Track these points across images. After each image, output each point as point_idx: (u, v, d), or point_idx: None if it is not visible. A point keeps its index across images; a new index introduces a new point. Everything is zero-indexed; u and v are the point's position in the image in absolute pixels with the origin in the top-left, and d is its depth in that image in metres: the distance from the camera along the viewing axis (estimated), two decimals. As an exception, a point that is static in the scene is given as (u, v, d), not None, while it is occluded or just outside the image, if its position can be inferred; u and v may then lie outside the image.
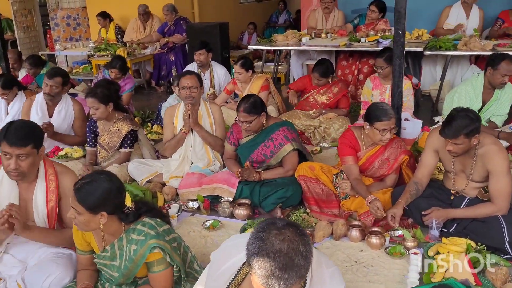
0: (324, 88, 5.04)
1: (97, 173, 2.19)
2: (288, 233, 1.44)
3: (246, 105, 3.42)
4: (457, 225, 2.93)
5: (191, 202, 3.51)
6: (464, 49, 5.06)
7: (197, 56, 5.50)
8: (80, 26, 9.13)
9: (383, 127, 3.14)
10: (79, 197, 2.03)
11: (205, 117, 3.82)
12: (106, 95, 3.80)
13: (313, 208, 3.31)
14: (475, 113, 2.87)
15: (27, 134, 2.40)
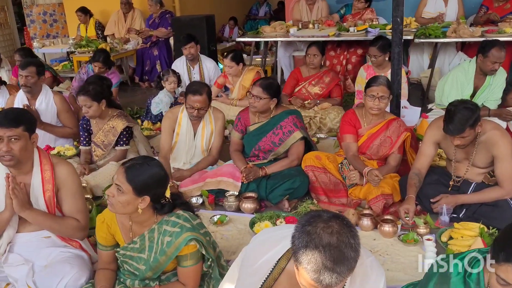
0: (315, 78, 5.00)
1: (147, 158, 2.13)
2: (335, 225, 1.40)
3: (265, 82, 3.45)
4: (466, 210, 2.94)
5: (194, 198, 3.43)
6: (454, 36, 5.10)
7: (187, 50, 5.41)
8: (57, 23, 8.88)
9: (371, 92, 3.25)
10: (129, 175, 1.97)
11: (207, 124, 3.69)
12: (98, 92, 3.68)
13: (321, 199, 3.29)
14: (472, 102, 2.90)
15: (18, 116, 2.35)
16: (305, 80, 5.02)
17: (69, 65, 7.46)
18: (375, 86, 3.24)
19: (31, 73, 4.04)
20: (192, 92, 3.51)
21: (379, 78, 3.29)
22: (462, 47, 5.85)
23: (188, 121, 3.69)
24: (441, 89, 4.45)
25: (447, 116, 2.81)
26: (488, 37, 4.87)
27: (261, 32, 6.23)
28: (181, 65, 5.67)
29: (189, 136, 3.72)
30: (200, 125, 3.70)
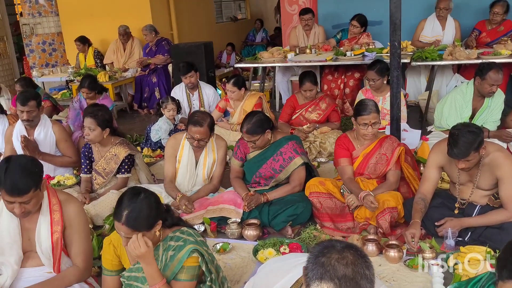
0: (312, 105, 5.01)
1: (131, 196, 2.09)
2: (350, 256, 1.38)
3: (249, 126, 3.37)
4: (471, 233, 2.92)
5: (196, 226, 3.39)
6: (450, 58, 5.15)
7: (188, 79, 5.44)
8: (56, 52, 8.95)
9: (363, 121, 3.24)
10: (134, 227, 2.00)
11: (209, 152, 3.67)
12: (105, 120, 3.68)
13: (326, 225, 3.25)
14: (475, 125, 2.90)
15: (27, 180, 2.22)
16: (302, 107, 5.02)
17: (68, 93, 7.50)
18: (366, 115, 3.24)
19: (32, 107, 4.03)
20: (193, 123, 3.48)
21: (368, 105, 3.27)
22: (458, 69, 5.91)
23: (190, 149, 3.67)
24: (440, 111, 4.47)
25: (451, 140, 2.81)
26: (483, 59, 4.93)
27: (259, 58, 6.29)
28: (180, 92, 5.70)
29: (191, 164, 3.69)
30: (202, 154, 3.68)
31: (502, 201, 2.88)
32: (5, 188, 2.19)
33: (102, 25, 8.24)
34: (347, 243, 1.45)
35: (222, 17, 11.70)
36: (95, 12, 8.30)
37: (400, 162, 3.34)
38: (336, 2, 6.97)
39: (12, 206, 2.23)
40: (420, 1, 6.53)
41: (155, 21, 7.97)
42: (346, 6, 6.70)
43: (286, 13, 7.37)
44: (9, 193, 2.19)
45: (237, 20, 12.06)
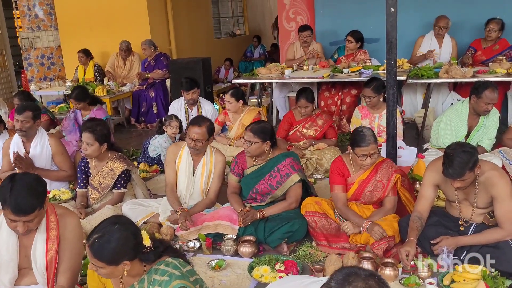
0: (309, 121, 5.03)
1: (108, 222, 2.04)
2: (374, 284, 1.41)
3: (255, 126, 3.44)
4: (467, 252, 2.91)
5: (191, 242, 3.38)
6: (446, 76, 5.19)
7: (190, 95, 5.46)
8: (54, 65, 8.98)
9: (362, 152, 3.18)
10: (95, 253, 1.94)
11: (207, 162, 3.68)
12: (104, 135, 3.69)
13: (321, 243, 3.24)
14: (470, 145, 2.92)
15: (32, 199, 2.22)
16: (299, 123, 5.04)
17: (66, 107, 7.49)
18: (365, 146, 3.17)
19: (27, 117, 4.03)
20: (192, 123, 3.59)
21: (367, 136, 3.19)
22: (454, 87, 5.95)
23: (188, 156, 3.69)
24: (436, 131, 4.50)
25: (446, 160, 2.82)
26: (479, 78, 4.97)
27: (257, 74, 6.32)
28: (178, 106, 5.70)
29: (189, 171, 3.70)
30: (200, 163, 3.69)
31: (497, 219, 2.88)
32: (11, 207, 2.18)
33: (102, 39, 8.30)
34: (370, 272, 1.47)
35: (221, 32, 11.79)
36: (94, 26, 8.36)
37: (397, 188, 3.32)
38: (333, 20, 7.04)
39: (15, 225, 2.23)
40: (417, 19, 6.62)
41: (154, 36, 8.03)
42: (343, 24, 6.76)
43: (284, 29, 7.44)
44: (15, 213, 2.18)
45: (235, 36, 12.16)
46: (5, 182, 2.26)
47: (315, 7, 7.14)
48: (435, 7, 6.41)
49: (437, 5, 6.45)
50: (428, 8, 6.54)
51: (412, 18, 6.66)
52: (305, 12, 7.27)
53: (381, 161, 3.36)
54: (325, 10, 7.10)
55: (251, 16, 13.27)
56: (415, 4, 6.63)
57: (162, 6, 8.58)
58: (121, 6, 8.15)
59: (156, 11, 8.39)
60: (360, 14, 6.81)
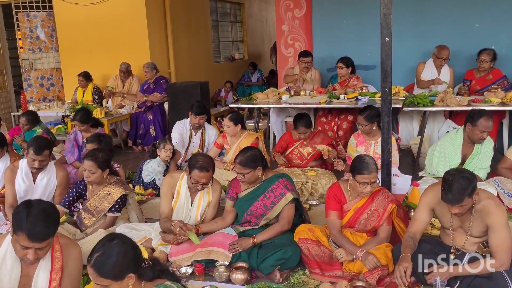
0: (307, 139, 5.09)
1: (106, 240, 2.07)
2: None
3: (243, 158, 3.45)
4: (460, 282, 2.89)
5: (183, 267, 3.35)
6: (441, 105, 5.24)
7: (198, 120, 5.49)
8: (54, 87, 9.05)
9: (363, 180, 3.19)
10: (99, 271, 1.95)
11: (205, 194, 3.67)
12: (105, 161, 3.72)
13: (314, 271, 3.22)
14: (469, 171, 2.93)
15: (49, 226, 2.22)
16: (297, 141, 5.13)
17: (64, 128, 7.52)
18: (367, 174, 3.18)
19: (46, 156, 4.05)
20: (199, 168, 3.46)
21: (369, 164, 3.21)
22: (450, 115, 6.00)
23: (187, 190, 3.66)
24: (430, 159, 4.52)
25: (445, 185, 2.83)
26: (474, 106, 5.02)
27: (254, 99, 6.37)
28: (184, 127, 5.69)
29: (187, 204, 3.68)
30: (198, 195, 3.68)
31: (491, 249, 2.87)
32: (27, 233, 2.16)
33: (101, 61, 8.39)
34: None
35: (220, 56, 11.92)
36: (94, 49, 8.47)
37: (392, 218, 3.32)
38: (331, 46, 7.14)
39: (26, 252, 2.20)
40: (415, 47, 6.73)
41: (154, 59, 8.12)
42: (341, 50, 6.84)
43: (282, 55, 7.53)
44: (30, 239, 2.17)
45: (234, 60, 12.29)
46: (20, 208, 2.24)
47: (313, 34, 7.26)
48: (432, 36, 6.52)
49: (434, 34, 6.56)
50: (425, 37, 6.65)
51: (409, 46, 6.78)
52: (303, 39, 7.38)
53: (377, 190, 3.36)
54: (323, 37, 7.21)
55: (251, 41, 13.44)
56: (413, 33, 6.75)
57: (162, 29, 8.70)
58: (122, 29, 8.27)
59: (156, 35, 8.51)
60: (357, 41, 6.92)
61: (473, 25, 6.53)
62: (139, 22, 8.20)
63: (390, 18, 3.60)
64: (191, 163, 3.53)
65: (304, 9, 7.29)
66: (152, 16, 8.38)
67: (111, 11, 8.23)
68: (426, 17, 6.71)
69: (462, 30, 6.54)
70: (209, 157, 3.65)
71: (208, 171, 3.49)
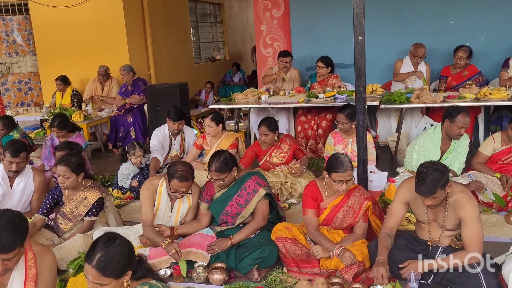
0: (274, 149, 5.04)
1: (108, 239, 2.11)
2: None
3: (217, 164, 3.44)
4: (434, 275, 2.94)
5: (162, 270, 3.35)
6: (417, 102, 5.31)
7: (176, 125, 5.43)
8: (32, 91, 8.95)
9: (339, 178, 3.22)
10: (104, 272, 1.99)
11: (185, 199, 3.66)
12: (79, 165, 3.68)
13: (292, 269, 3.24)
14: (442, 164, 2.98)
15: (15, 237, 2.17)
16: (265, 153, 5.05)
17: (42, 132, 7.45)
18: (342, 173, 3.21)
19: (23, 158, 4.02)
20: (179, 178, 3.44)
21: (344, 163, 3.24)
22: (427, 111, 6.09)
23: (167, 196, 3.64)
24: (410, 156, 4.57)
25: (419, 177, 2.89)
26: (449, 103, 5.10)
27: (234, 99, 6.38)
28: (164, 134, 5.62)
29: (167, 210, 3.67)
30: (177, 200, 3.67)
31: (463, 242, 2.93)
32: None
33: (80, 65, 8.33)
34: None
35: (201, 57, 11.91)
36: (73, 52, 8.40)
37: (368, 215, 3.37)
38: (309, 46, 7.18)
39: None
40: (392, 45, 6.80)
41: (133, 62, 8.09)
42: (319, 50, 6.89)
43: (261, 55, 7.56)
44: None
45: (215, 60, 12.29)
46: None
47: (291, 34, 7.30)
48: (409, 34, 6.61)
49: (411, 31, 6.65)
50: (402, 35, 6.73)
51: (387, 44, 6.86)
52: (282, 38, 7.42)
53: (353, 187, 3.41)
54: (301, 36, 7.26)
55: (231, 41, 13.45)
56: (390, 31, 6.84)
57: (141, 31, 8.67)
58: (100, 32, 8.21)
59: (135, 37, 8.47)
60: (335, 40, 6.97)
61: (448, 22, 6.64)
62: (117, 24, 8.15)
63: (362, 17, 3.64)
64: (171, 172, 3.49)
65: (282, 9, 7.32)
66: (131, 18, 8.34)
67: (89, 14, 8.18)
68: (403, 15, 6.79)
69: (437, 28, 6.64)
70: (188, 166, 3.59)
71: (188, 181, 3.48)
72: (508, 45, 6.21)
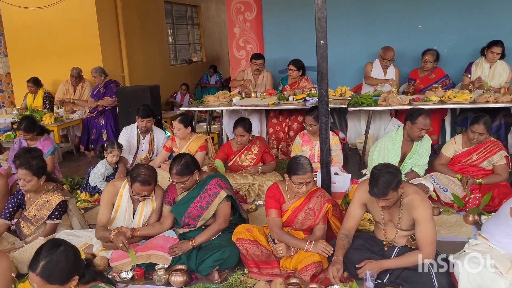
0: (244, 151, 5.09)
1: (52, 246, 2.11)
2: None
3: (178, 168, 3.45)
4: (390, 275, 3.02)
5: (124, 272, 3.35)
6: (384, 104, 5.40)
7: (144, 123, 5.47)
8: (3, 93, 8.82)
9: (299, 180, 3.27)
10: (48, 279, 2.00)
11: (148, 202, 3.66)
12: (40, 168, 3.65)
13: (252, 270, 3.27)
14: (394, 166, 3.05)
15: None
16: (235, 153, 5.10)
17: (13, 135, 7.33)
18: (302, 175, 3.25)
19: None
20: (141, 182, 3.45)
21: (304, 165, 3.28)
22: (396, 113, 6.19)
23: (129, 199, 3.64)
24: (371, 157, 4.66)
25: (372, 179, 2.96)
26: (415, 105, 5.20)
27: (205, 101, 6.40)
28: (132, 132, 5.67)
29: (129, 213, 3.66)
30: (140, 203, 3.67)
31: (417, 242, 3.00)
32: None
33: (52, 66, 8.25)
34: None
35: (177, 59, 11.89)
36: (45, 54, 8.31)
37: (328, 217, 3.42)
38: (282, 49, 7.26)
39: None
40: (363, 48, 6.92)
41: (106, 63, 8.04)
42: (291, 52, 6.96)
43: (234, 57, 7.60)
44: None
45: (192, 62, 12.28)
46: None
47: (264, 36, 7.35)
48: (379, 37, 6.73)
49: (381, 35, 6.77)
50: (372, 38, 6.84)
51: (358, 47, 6.96)
52: (255, 41, 7.47)
53: (314, 190, 3.46)
54: (274, 39, 7.33)
55: (208, 43, 13.46)
56: (361, 34, 6.96)
57: (114, 33, 8.62)
58: (73, 33, 8.14)
59: (108, 39, 8.42)
60: (307, 43, 6.91)
61: (416, 26, 6.77)
62: (90, 26, 8.09)
63: (324, 22, 3.70)
64: (133, 175, 3.50)
65: (254, 11, 7.38)
66: (104, 20, 8.29)
67: (61, 15, 8.10)
68: (373, 19, 6.91)
69: (406, 31, 6.77)
70: (151, 170, 3.59)
71: (150, 185, 3.49)
72: (474, 48, 6.36)
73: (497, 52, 5.87)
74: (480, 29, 6.46)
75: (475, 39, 6.40)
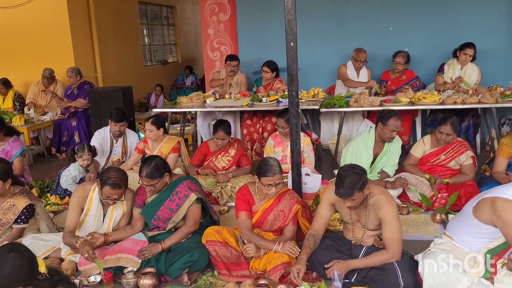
0: (221, 152, 5.09)
1: (4, 250, 2.07)
2: None
3: (148, 170, 3.42)
4: (357, 274, 3.06)
5: (92, 276, 3.31)
6: (355, 105, 5.47)
7: (118, 127, 5.39)
8: (-29, 96, 8.59)
9: (268, 182, 3.30)
10: None
11: (118, 205, 3.62)
12: (6, 171, 3.57)
13: (222, 272, 3.27)
14: (359, 167, 3.10)
15: None
16: (212, 154, 5.10)
17: (-19, 137, 7.18)
18: (271, 176, 3.28)
19: None
20: (111, 185, 3.41)
21: (273, 166, 3.30)
22: (368, 115, 6.28)
23: (99, 203, 3.60)
24: (344, 158, 4.71)
25: (338, 180, 3.00)
26: (385, 106, 5.28)
27: (179, 103, 6.37)
28: (105, 136, 5.58)
29: (98, 217, 3.61)
30: (111, 206, 3.62)
31: (384, 241, 3.05)
32: None
33: (23, 67, 8.10)
34: None
35: (152, 60, 11.80)
36: (15, 54, 8.15)
37: (297, 218, 3.45)
38: (256, 50, 7.27)
39: None
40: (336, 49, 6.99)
41: (79, 64, 7.91)
42: (265, 54, 6.99)
43: (209, 59, 7.59)
44: None
45: (167, 63, 12.20)
46: None
47: (238, 38, 7.36)
48: (352, 39, 6.81)
49: (353, 37, 6.86)
50: (346, 40, 6.92)
51: (332, 48, 7.03)
52: (229, 42, 7.47)
53: (284, 191, 3.49)
54: (248, 40, 7.34)
55: (184, 44, 13.39)
56: (334, 36, 7.03)
57: (87, 33, 8.51)
58: (44, 33, 8.01)
59: (80, 39, 8.31)
60: (281, 45, 6.90)
61: (388, 28, 6.88)
62: (61, 26, 7.97)
63: (294, 24, 3.72)
64: (103, 178, 3.46)
65: (228, 13, 7.38)
66: (76, 20, 8.18)
67: (32, 15, 7.96)
68: (346, 21, 7.00)
69: (378, 33, 6.87)
70: (122, 173, 3.56)
71: (120, 188, 3.46)
72: (444, 50, 6.49)
73: (469, 54, 6.00)
74: (450, 32, 6.61)
75: (445, 41, 6.55)
